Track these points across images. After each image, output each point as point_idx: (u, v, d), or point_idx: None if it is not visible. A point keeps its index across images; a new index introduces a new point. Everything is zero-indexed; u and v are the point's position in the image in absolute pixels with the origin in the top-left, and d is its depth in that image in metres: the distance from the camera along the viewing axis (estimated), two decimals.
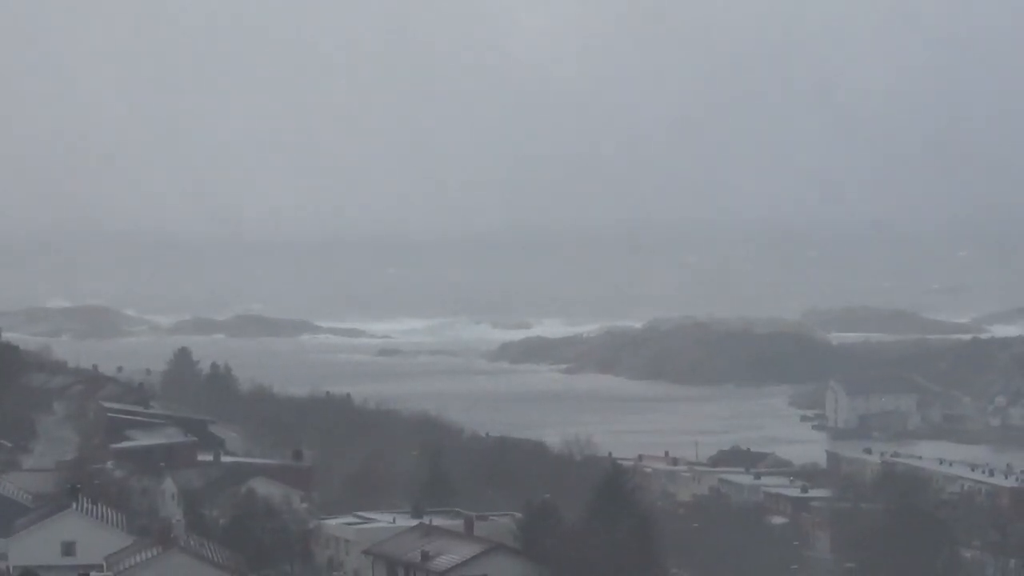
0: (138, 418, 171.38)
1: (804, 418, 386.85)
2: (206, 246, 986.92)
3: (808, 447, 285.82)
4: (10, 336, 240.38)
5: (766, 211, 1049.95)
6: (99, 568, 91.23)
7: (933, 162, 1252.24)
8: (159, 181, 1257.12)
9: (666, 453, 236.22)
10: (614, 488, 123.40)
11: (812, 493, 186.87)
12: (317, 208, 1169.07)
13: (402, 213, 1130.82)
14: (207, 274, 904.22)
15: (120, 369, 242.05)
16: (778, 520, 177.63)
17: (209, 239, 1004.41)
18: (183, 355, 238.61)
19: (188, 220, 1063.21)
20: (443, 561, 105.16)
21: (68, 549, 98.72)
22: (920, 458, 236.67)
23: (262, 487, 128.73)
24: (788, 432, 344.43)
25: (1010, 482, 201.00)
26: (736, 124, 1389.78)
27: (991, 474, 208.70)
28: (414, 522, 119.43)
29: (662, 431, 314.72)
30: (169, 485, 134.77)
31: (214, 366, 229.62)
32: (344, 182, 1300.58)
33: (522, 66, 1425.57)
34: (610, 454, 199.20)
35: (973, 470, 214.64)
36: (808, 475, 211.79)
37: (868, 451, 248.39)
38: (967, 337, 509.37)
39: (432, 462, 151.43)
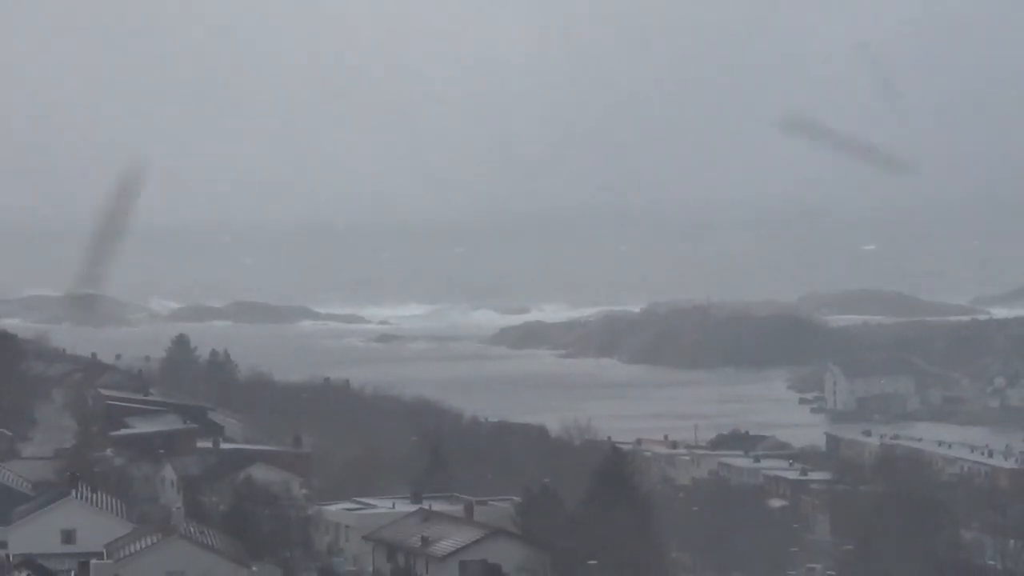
0: (137, 405, 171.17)
1: (803, 401, 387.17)
2: (201, 233, 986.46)
3: (807, 430, 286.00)
4: (8, 324, 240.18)
5: (763, 194, 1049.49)
6: (99, 556, 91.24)
7: (930, 146, 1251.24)
8: (154, 169, 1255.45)
9: (665, 437, 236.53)
10: (613, 472, 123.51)
11: (811, 476, 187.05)
12: (312, 193, 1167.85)
13: (397, 197, 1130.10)
14: (204, 261, 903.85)
15: (118, 357, 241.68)
16: (777, 503, 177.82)
17: (204, 226, 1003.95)
18: (181, 342, 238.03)
19: (183, 207, 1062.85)
20: (443, 546, 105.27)
21: (68, 537, 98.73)
22: (919, 440, 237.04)
23: (261, 473, 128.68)
24: (787, 415, 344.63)
25: (1009, 463, 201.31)
26: (732, 108, 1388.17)
27: (990, 455, 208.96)
28: (414, 507, 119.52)
29: (661, 415, 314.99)
30: (168, 472, 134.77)
31: (213, 353, 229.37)
32: (338, 166, 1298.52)
33: (512, 46, 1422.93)
34: (609, 438, 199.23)
35: (972, 451, 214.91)
36: (807, 458, 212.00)
37: (867, 433, 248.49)
38: (965, 319, 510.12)
39: (431, 447, 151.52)
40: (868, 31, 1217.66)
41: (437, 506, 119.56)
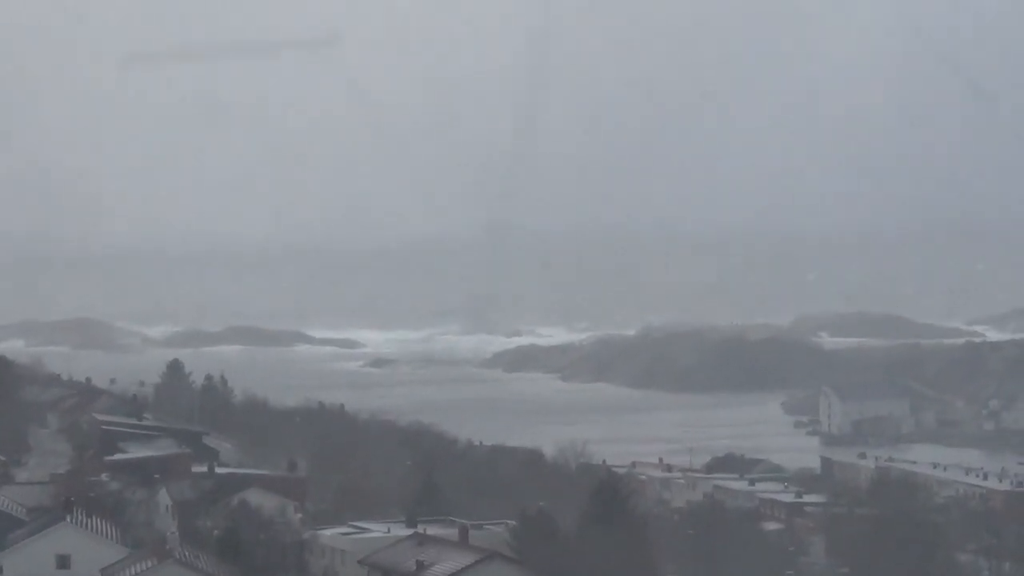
0: (132, 430, 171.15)
1: (798, 424, 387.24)
2: (197, 257, 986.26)
3: (802, 453, 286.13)
4: (3, 348, 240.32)
5: (757, 216, 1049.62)
6: None
7: (925, 163, 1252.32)
8: (149, 193, 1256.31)
9: (660, 460, 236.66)
10: (609, 495, 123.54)
11: (806, 499, 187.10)
12: (306, 217, 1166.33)
13: (390, 218, 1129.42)
14: (199, 285, 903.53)
15: (113, 381, 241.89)
16: (773, 526, 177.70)
17: (201, 250, 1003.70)
18: (175, 367, 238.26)
19: (178, 232, 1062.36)
20: (438, 570, 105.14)
21: (63, 562, 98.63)
22: (914, 462, 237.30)
23: (256, 498, 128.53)
24: (782, 438, 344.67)
25: (1004, 486, 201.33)
26: (727, 129, 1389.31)
27: (985, 478, 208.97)
28: (409, 532, 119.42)
29: (656, 438, 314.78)
30: (163, 497, 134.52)
31: (208, 377, 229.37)
32: (329, 186, 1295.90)
33: (514, 65, 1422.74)
34: (604, 461, 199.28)
35: (967, 474, 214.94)
36: (802, 481, 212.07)
37: (862, 456, 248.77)
38: (960, 341, 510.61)
39: (426, 471, 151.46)
40: (856, 46, 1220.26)
41: (432, 530, 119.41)
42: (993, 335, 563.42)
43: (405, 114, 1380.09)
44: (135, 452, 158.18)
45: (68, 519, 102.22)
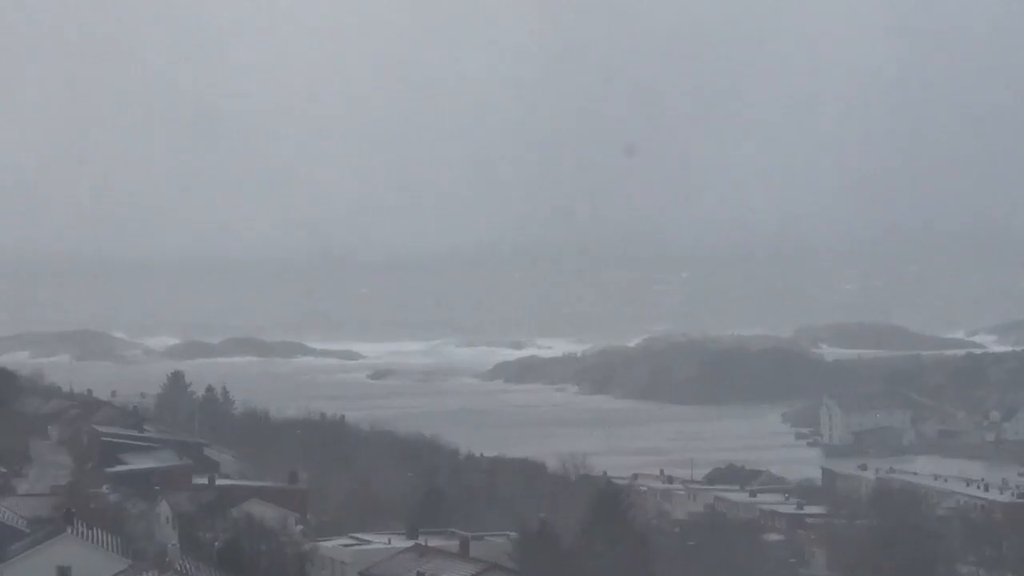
0: (133, 442, 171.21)
1: (799, 435, 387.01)
2: (197, 269, 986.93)
3: (803, 464, 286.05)
4: (4, 360, 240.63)
5: (757, 228, 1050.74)
6: None
7: (922, 174, 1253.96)
8: (149, 203, 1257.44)
9: (661, 471, 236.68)
10: (609, 507, 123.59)
11: (807, 510, 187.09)
12: (307, 228, 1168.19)
13: (392, 233, 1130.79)
14: (199, 297, 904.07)
15: (114, 393, 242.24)
16: (774, 537, 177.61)
17: (200, 262, 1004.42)
18: (176, 378, 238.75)
19: (178, 243, 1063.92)
20: None
21: (63, 574, 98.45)
22: (915, 474, 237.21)
23: (257, 509, 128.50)
24: (783, 449, 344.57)
25: (1005, 497, 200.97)
26: (725, 139, 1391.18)
27: (986, 489, 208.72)
28: (409, 543, 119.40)
29: (657, 450, 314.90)
30: (164, 508, 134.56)
31: (209, 389, 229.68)
32: (328, 197, 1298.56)
33: (514, 79, 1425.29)
34: (605, 473, 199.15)
35: (968, 485, 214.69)
36: (803, 492, 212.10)
37: (863, 467, 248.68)
38: (960, 352, 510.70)
39: (427, 483, 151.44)
40: (856, 51, 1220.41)
41: (433, 542, 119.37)
42: (994, 346, 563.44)
43: (407, 127, 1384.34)
44: (136, 463, 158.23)
45: (69, 531, 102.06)
